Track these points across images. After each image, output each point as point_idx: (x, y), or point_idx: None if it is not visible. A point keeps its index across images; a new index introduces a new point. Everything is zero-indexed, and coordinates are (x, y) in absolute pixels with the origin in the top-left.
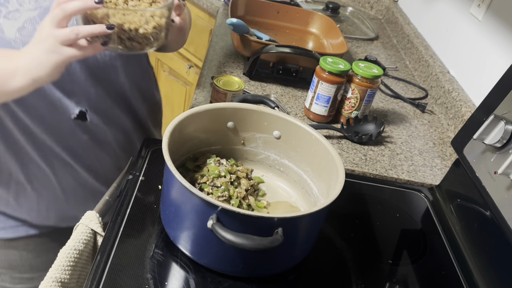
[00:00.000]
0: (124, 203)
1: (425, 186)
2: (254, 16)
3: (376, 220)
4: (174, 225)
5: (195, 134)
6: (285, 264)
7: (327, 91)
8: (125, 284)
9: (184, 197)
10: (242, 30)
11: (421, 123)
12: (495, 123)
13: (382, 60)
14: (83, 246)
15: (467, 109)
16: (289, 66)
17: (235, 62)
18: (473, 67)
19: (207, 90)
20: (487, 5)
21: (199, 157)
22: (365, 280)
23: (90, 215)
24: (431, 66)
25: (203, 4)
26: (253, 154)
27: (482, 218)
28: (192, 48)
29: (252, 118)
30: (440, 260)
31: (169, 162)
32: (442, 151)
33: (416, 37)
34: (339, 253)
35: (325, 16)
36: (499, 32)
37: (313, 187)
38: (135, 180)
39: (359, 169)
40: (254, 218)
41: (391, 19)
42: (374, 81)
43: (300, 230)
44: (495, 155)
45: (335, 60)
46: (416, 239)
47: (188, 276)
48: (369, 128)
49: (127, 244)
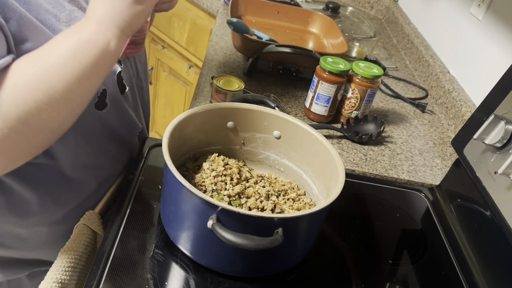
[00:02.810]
0: (124, 203)
1: (425, 186)
2: (254, 16)
3: (376, 220)
4: (174, 225)
5: (195, 134)
6: (285, 264)
7: (327, 91)
8: (125, 284)
9: (184, 197)
10: (242, 30)
11: (421, 123)
12: (495, 123)
13: (382, 60)
14: (83, 247)
15: (467, 109)
16: (289, 66)
17: (235, 62)
18: (473, 67)
19: (207, 90)
20: (487, 5)
21: (199, 157)
22: (365, 280)
23: (90, 215)
24: (431, 66)
25: (203, 4)
26: (253, 154)
27: (482, 218)
28: (192, 48)
29: (252, 118)
30: (440, 260)
31: (169, 162)
32: (442, 151)
33: (416, 37)
34: (339, 253)
35: (325, 16)
36: (499, 32)
37: (313, 187)
38: (135, 180)
39: (359, 169)
40: (254, 218)
41: (391, 19)
42: (374, 81)
43: (300, 230)
44: (495, 155)
45: (335, 60)
46: (416, 239)
47: (188, 276)
48: (369, 128)
49: (127, 244)
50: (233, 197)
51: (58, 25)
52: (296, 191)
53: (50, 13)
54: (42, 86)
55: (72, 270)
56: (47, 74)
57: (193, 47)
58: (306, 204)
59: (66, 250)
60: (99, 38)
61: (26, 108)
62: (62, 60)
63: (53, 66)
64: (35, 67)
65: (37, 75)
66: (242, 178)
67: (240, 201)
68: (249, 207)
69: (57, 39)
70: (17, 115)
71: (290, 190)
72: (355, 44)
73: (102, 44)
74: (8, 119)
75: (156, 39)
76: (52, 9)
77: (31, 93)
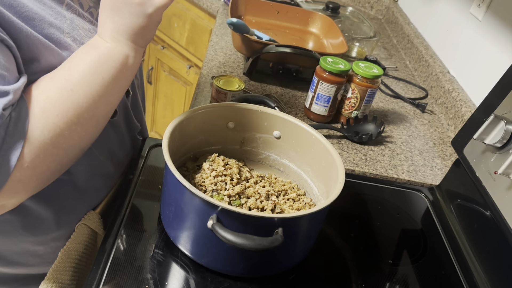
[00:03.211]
0: (124, 203)
1: (425, 186)
2: (254, 16)
3: (376, 220)
4: (174, 225)
5: (195, 134)
6: (285, 264)
7: (327, 91)
8: (125, 284)
9: (184, 197)
10: (242, 30)
11: (421, 123)
12: (495, 123)
13: (382, 60)
14: (83, 247)
15: (467, 109)
16: (289, 66)
17: (235, 62)
18: (473, 67)
19: (207, 90)
20: (487, 5)
21: (199, 157)
22: (365, 280)
23: (90, 215)
24: (431, 66)
25: (203, 4)
26: (253, 154)
27: (482, 218)
28: (192, 48)
29: (252, 118)
30: (440, 260)
31: (169, 162)
32: (442, 151)
33: (416, 37)
34: (339, 253)
35: (325, 16)
36: (499, 32)
37: (313, 187)
38: (135, 180)
39: (359, 169)
40: (254, 218)
41: (391, 19)
42: (374, 81)
43: (300, 230)
44: (495, 155)
45: (335, 60)
46: (416, 239)
47: (188, 276)
48: (369, 128)
49: (127, 244)
50: (233, 197)
51: (63, 38)
52: (296, 191)
53: (53, 26)
54: (71, 107)
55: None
56: (74, 94)
57: (193, 47)
58: (306, 204)
59: (66, 250)
60: (117, 53)
61: (58, 131)
62: (85, 78)
63: (78, 86)
64: (60, 88)
65: (64, 96)
66: (242, 178)
67: (240, 201)
68: (249, 207)
69: (75, 57)
70: (51, 139)
71: (290, 190)
72: (355, 44)
73: (121, 59)
74: (43, 145)
75: (156, 39)
76: (54, 21)
77: (61, 115)
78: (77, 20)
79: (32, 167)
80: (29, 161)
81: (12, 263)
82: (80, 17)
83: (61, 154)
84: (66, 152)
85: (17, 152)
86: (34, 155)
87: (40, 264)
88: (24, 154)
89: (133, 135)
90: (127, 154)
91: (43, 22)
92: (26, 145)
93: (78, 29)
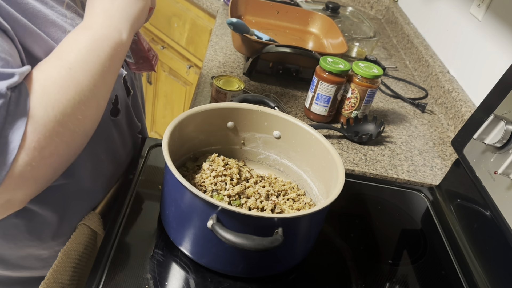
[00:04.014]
0: (124, 203)
1: (425, 186)
2: (254, 16)
3: (376, 220)
4: (174, 225)
5: (195, 134)
6: (285, 264)
7: (327, 91)
8: (125, 284)
9: (184, 197)
10: (242, 30)
11: (421, 123)
12: (495, 123)
13: (382, 60)
14: (83, 247)
15: (467, 109)
16: (289, 66)
17: (235, 62)
18: (473, 67)
19: (207, 90)
20: (487, 5)
21: (199, 157)
22: (365, 280)
23: (90, 215)
24: (431, 66)
25: (203, 4)
26: (253, 154)
27: (482, 218)
28: (192, 48)
29: (252, 118)
30: (440, 260)
31: (169, 162)
32: (442, 151)
33: (416, 37)
34: (339, 253)
35: (325, 16)
36: (499, 32)
37: (313, 187)
38: (135, 180)
39: (359, 169)
40: (254, 218)
41: (391, 19)
42: (374, 81)
43: (300, 230)
44: (495, 155)
45: (335, 60)
46: (416, 239)
47: (188, 276)
48: (369, 128)
49: (127, 244)
50: (233, 197)
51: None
52: (296, 191)
53: (55, 25)
54: (71, 84)
55: (72, 270)
56: (72, 72)
57: (193, 47)
58: (306, 204)
59: (66, 250)
60: (111, 31)
61: (62, 108)
62: (82, 57)
63: (75, 64)
64: (57, 67)
65: (62, 74)
66: (242, 178)
67: (240, 201)
68: (249, 207)
69: (69, 39)
70: (55, 116)
71: (290, 190)
72: (355, 44)
73: (116, 36)
74: (47, 122)
75: (156, 39)
76: (56, 20)
77: (62, 91)
78: (78, 20)
79: (39, 148)
80: (35, 140)
81: (17, 267)
82: (80, 17)
83: (67, 135)
84: (72, 133)
85: (20, 131)
86: (40, 134)
87: (44, 267)
88: (29, 133)
89: (134, 134)
90: (128, 154)
91: (45, 20)
92: (29, 124)
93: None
